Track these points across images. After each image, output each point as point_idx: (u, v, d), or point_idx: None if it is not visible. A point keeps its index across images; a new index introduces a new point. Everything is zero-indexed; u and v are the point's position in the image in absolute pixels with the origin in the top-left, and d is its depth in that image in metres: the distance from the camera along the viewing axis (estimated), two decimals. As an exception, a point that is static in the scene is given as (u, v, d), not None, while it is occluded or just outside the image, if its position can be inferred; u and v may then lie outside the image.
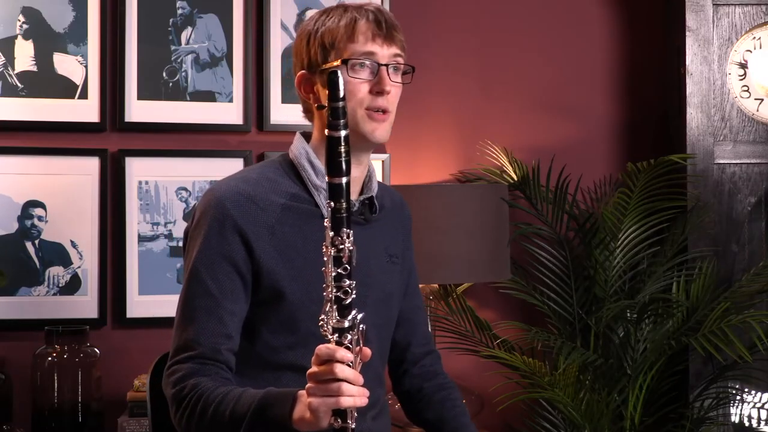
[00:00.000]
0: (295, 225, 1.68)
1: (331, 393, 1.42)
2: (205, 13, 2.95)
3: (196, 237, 1.67)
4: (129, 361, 2.84)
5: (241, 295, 1.65)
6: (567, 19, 3.22)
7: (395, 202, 1.88)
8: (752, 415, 2.96)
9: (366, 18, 1.68)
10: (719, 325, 2.65)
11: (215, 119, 2.96)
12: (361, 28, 1.67)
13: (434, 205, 2.63)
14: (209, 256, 1.64)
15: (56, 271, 2.86)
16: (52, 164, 2.87)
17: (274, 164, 1.76)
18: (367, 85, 1.68)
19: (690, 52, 2.97)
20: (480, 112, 3.15)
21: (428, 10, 3.14)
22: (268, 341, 1.67)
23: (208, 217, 1.65)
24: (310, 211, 1.70)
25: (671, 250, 2.90)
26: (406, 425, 2.80)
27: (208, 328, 1.62)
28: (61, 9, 2.87)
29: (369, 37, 1.67)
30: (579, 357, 2.69)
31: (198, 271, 1.64)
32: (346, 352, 1.43)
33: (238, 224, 1.64)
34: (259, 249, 1.64)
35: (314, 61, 1.70)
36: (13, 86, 2.85)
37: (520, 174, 2.99)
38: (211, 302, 1.63)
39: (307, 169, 1.72)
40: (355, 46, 1.67)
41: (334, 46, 1.68)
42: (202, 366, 1.61)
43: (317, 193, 1.71)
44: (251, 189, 1.67)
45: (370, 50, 1.67)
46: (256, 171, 1.74)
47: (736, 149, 2.98)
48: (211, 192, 1.68)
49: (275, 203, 1.68)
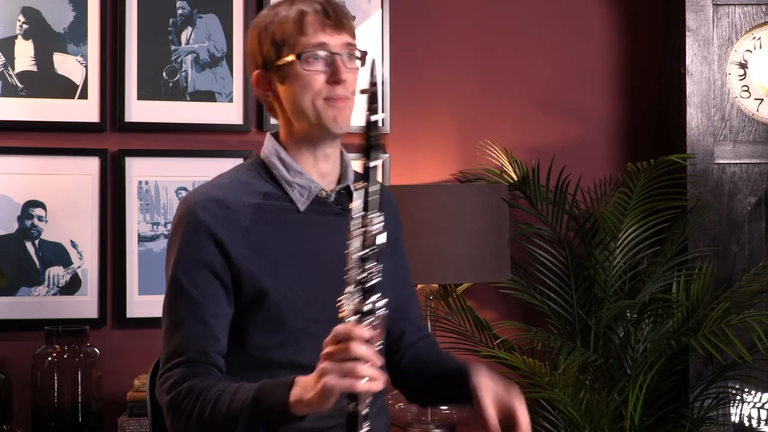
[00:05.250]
0: (270, 223, 1.68)
1: (346, 372, 1.40)
2: (205, 13, 2.95)
3: (171, 247, 1.67)
4: (129, 361, 2.84)
5: (222, 298, 1.65)
6: (567, 19, 3.22)
7: (381, 195, 1.87)
8: (752, 415, 2.96)
9: (314, 9, 1.68)
10: (719, 325, 2.65)
11: (215, 119, 2.96)
12: (310, 19, 1.67)
13: (434, 205, 2.62)
14: (187, 264, 1.64)
15: (56, 271, 2.86)
16: (52, 164, 2.87)
17: (246, 166, 1.77)
18: (323, 76, 1.67)
19: (690, 52, 2.97)
20: (480, 112, 3.15)
21: (428, 10, 3.14)
22: (259, 342, 1.67)
23: (182, 226, 1.66)
24: (284, 208, 1.71)
25: (671, 250, 2.90)
26: (406, 425, 2.80)
27: (195, 333, 1.63)
28: (61, 9, 2.87)
29: (318, 27, 1.67)
30: (579, 357, 2.69)
31: (177, 280, 1.64)
32: (364, 330, 1.41)
33: (211, 230, 1.64)
34: (235, 252, 1.64)
35: (268, 58, 1.70)
36: (13, 86, 2.85)
37: (520, 174, 2.99)
38: (194, 307, 1.63)
39: (278, 166, 1.72)
40: (306, 38, 1.67)
41: (285, 42, 1.68)
42: (193, 369, 1.62)
43: (290, 189, 1.71)
44: (222, 193, 1.68)
45: (322, 41, 1.67)
46: (228, 175, 1.75)
47: (736, 149, 2.98)
48: (184, 201, 1.69)
49: (248, 204, 1.68)
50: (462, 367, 1.74)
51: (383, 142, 1.47)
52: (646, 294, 2.85)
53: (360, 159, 1.52)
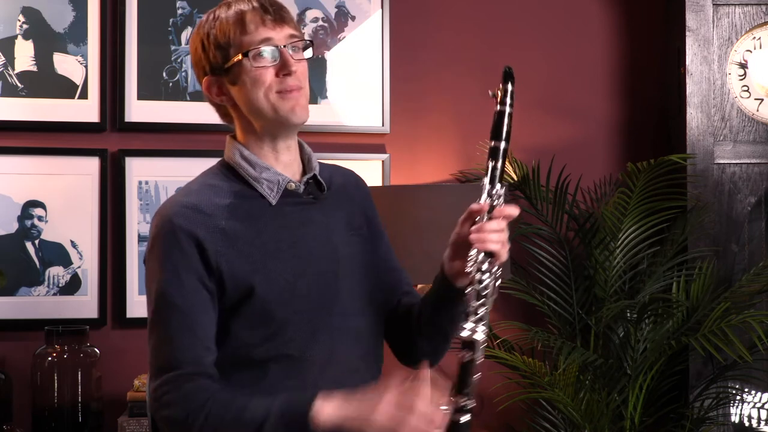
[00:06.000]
0: (245, 221, 1.69)
1: None
2: (204, 13, 2.94)
3: (153, 260, 1.67)
4: (129, 361, 2.84)
5: (209, 305, 1.65)
6: (567, 19, 3.22)
7: (348, 179, 1.87)
8: (752, 415, 2.96)
9: (251, 7, 1.70)
10: (719, 325, 2.65)
11: (215, 119, 2.92)
12: (249, 17, 1.69)
13: (434, 205, 2.62)
14: (173, 275, 1.64)
15: (56, 271, 2.86)
16: (52, 164, 2.87)
17: (213, 170, 1.78)
18: (272, 70, 1.69)
19: (690, 52, 2.97)
20: (480, 112, 3.15)
21: (428, 10, 3.14)
22: (244, 339, 1.66)
23: (161, 237, 1.66)
24: (257, 204, 1.71)
25: (671, 250, 2.90)
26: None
27: (187, 345, 1.62)
28: (61, 9, 2.87)
29: (260, 23, 1.69)
30: (579, 357, 2.69)
31: (165, 293, 1.64)
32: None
33: (191, 234, 1.64)
34: (216, 254, 1.64)
35: (215, 63, 1.72)
36: (13, 86, 2.85)
37: (520, 174, 2.99)
38: (184, 319, 1.63)
39: (243, 165, 1.73)
40: (249, 36, 1.68)
41: (230, 44, 1.69)
42: (192, 383, 1.60)
43: (259, 185, 1.72)
44: (194, 199, 1.69)
45: (265, 36, 1.68)
46: (197, 182, 1.76)
47: (736, 149, 2.98)
48: (158, 214, 1.70)
49: (220, 205, 1.69)
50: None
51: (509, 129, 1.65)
52: (646, 294, 2.85)
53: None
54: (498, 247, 1.63)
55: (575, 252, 2.97)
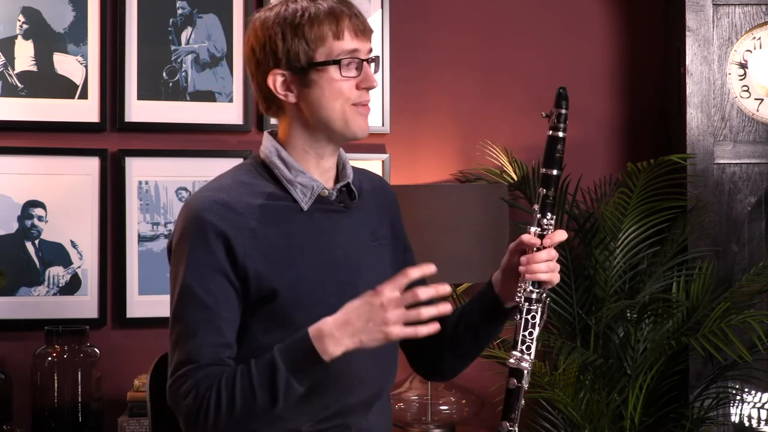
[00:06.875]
0: (275, 224, 1.67)
1: (411, 319, 1.52)
2: (205, 13, 2.95)
3: (180, 253, 1.65)
4: (129, 361, 2.85)
5: (234, 303, 1.64)
6: (567, 19, 3.22)
7: (375, 185, 1.86)
8: (752, 415, 2.96)
9: (344, 11, 1.66)
10: (719, 325, 2.65)
11: (215, 119, 2.96)
12: (346, 25, 1.66)
13: (434, 205, 2.63)
14: (198, 270, 1.63)
15: (56, 271, 2.86)
16: (52, 164, 2.87)
17: (246, 167, 1.75)
18: (354, 82, 1.67)
19: (690, 52, 2.97)
20: (480, 112, 3.15)
21: (428, 10, 3.14)
22: (262, 341, 1.65)
23: (190, 232, 1.64)
24: (288, 208, 1.69)
25: (671, 250, 2.90)
26: (406, 425, 2.80)
27: (209, 340, 1.61)
28: (61, 9, 2.87)
29: (353, 34, 1.66)
30: (579, 357, 2.69)
31: (189, 287, 1.62)
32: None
33: (220, 232, 1.63)
34: (243, 254, 1.63)
35: (294, 58, 1.66)
36: (13, 86, 2.85)
37: (520, 174, 2.99)
38: (207, 314, 1.62)
39: (279, 166, 1.70)
40: (341, 44, 1.65)
41: (319, 45, 1.65)
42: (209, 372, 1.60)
43: (292, 188, 1.70)
44: (226, 195, 1.66)
45: (355, 47, 1.66)
46: (229, 177, 1.72)
47: (736, 149, 2.98)
48: (188, 206, 1.67)
49: (252, 205, 1.66)
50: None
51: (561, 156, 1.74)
52: (646, 294, 2.85)
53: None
54: (548, 277, 1.68)
55: (575, 252, 2.97)
